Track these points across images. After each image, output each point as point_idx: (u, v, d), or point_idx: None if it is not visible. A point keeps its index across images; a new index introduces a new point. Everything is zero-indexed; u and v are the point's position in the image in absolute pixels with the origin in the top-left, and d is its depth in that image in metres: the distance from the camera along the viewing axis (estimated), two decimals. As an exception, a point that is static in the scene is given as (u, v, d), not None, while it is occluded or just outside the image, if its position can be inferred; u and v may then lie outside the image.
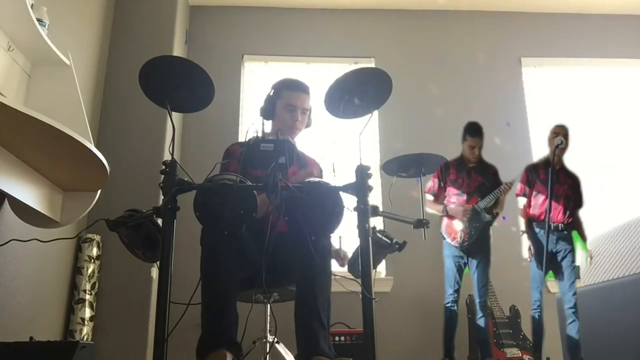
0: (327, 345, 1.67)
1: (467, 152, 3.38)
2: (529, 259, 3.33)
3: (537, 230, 3.27)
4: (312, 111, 2.20)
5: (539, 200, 3.28)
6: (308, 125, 2.21)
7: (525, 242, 3.38)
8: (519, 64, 4.51)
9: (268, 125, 2.16)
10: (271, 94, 2.16)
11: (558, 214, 3.24)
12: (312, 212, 1.61)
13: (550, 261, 3.20)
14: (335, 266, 2.08)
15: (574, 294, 3.15)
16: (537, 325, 3.15)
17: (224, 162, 2.06)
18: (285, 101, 2.12)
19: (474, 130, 3.33)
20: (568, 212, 3.26)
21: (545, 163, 3.33)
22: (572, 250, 3.22)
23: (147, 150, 3.43)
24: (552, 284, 3.62)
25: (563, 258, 3.21)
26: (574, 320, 3.12)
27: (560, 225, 3.23)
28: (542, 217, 3.20)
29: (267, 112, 2.15)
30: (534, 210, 3.30)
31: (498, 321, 3.48)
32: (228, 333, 1.64)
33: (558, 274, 3.24)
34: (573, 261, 3.20)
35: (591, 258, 3.40)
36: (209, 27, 4.37)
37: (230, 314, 1.67)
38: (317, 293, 1.70)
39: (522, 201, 3.41)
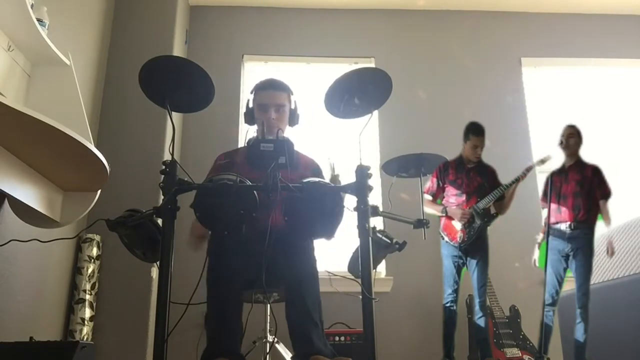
0: (322, 343, 1.67)
1: (469, 151, 3.37)
2: (534, 264, 3.35)
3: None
4: (298, 108, 2.13)
5: (552, 207, 3.22)
6: (294, 122, 2.14)
7: (530, 243, 3.40)
8: (519, 64, 4.51)
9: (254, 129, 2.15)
10: (249, 98, 2.14)
11: (566, 214, 3.21)
12: (312, 212, 1.61)
13: (565, 262, 3.19)
14: (335, 266, 2.08)
15: (584, 294, 3.09)
16: (541, 326, 3.12)
17: (219, 164, 2.08)
18: (257, 102, 2.10)
19: (477, 130, 3.33)
20: (580, 209, 3.19)
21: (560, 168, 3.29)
22: (583, 249, 3.14)
23: (147, 150, 3.42)
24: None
25: (574, 257, 3.17)
26: (580, 322, 3.07)
27: (571, 224, 3.18)
28: (553, 220, 3.20)
29: (248, 117, 2.13)
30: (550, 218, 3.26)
31: (498, 321, 3.48)
32: (232, 344, 1.67)
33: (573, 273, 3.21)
34: (585, 260, 3.13)
35: (612, 252, 3.18)
36: (209, 27, 4.37)
37: (235, 325, 1.70)
38: (304, 292, 1.72)
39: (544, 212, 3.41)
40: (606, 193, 3.22)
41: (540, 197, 3.47)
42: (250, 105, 2.13)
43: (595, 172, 3.26)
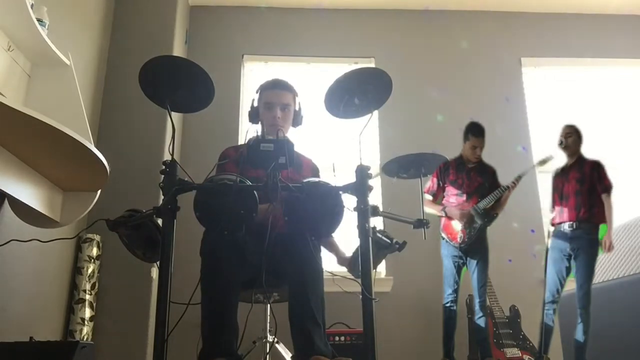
0: (324, 343, 1.67)
1: (469, 152, 3.37)
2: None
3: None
4: (302, 109, 2.16)
5: (556, 208, 3.24)
6: (298, 123, 2.16)
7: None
8: (519, 64, 4.51)
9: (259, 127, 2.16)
10: (255, 97, 2.16)
11: (568, 213, 3.20)
12: (312, 212, 1.61)
13: (568, 261, 3.17)
14: (334, 266, 2.08)
15: (585, 294, 3.08)
16: (541, 325, 3.12)
17: (222, 163, 2.07)
18: (264, 100, 2.11)
19: (477, 130, 3.33)
20: (580, 208, 3.17)
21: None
22: (584, 249, 3.12)
23: (147, 150, 3.42)
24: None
25: (576, 257, 3.16)
26: (580, 322, 3.06)
27: (574, 223, 3.16)
28: (554, 221, 3.22)
29: (253, 115, 2.14)
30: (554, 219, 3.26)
31: (498, 321, 3.48)
32: (228, 343, 1.64)
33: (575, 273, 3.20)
34: (586, 260, 3.11)
35: (608, 249, 3.08)
36: (209, 27, 4.37)
37: (230, 325, 1.68)
38: (309, 292, 1.70)
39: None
40: (606, 186, 3.15)
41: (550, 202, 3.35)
42: (255, 104, 2.14)
43: (595, 166, 3.21)
